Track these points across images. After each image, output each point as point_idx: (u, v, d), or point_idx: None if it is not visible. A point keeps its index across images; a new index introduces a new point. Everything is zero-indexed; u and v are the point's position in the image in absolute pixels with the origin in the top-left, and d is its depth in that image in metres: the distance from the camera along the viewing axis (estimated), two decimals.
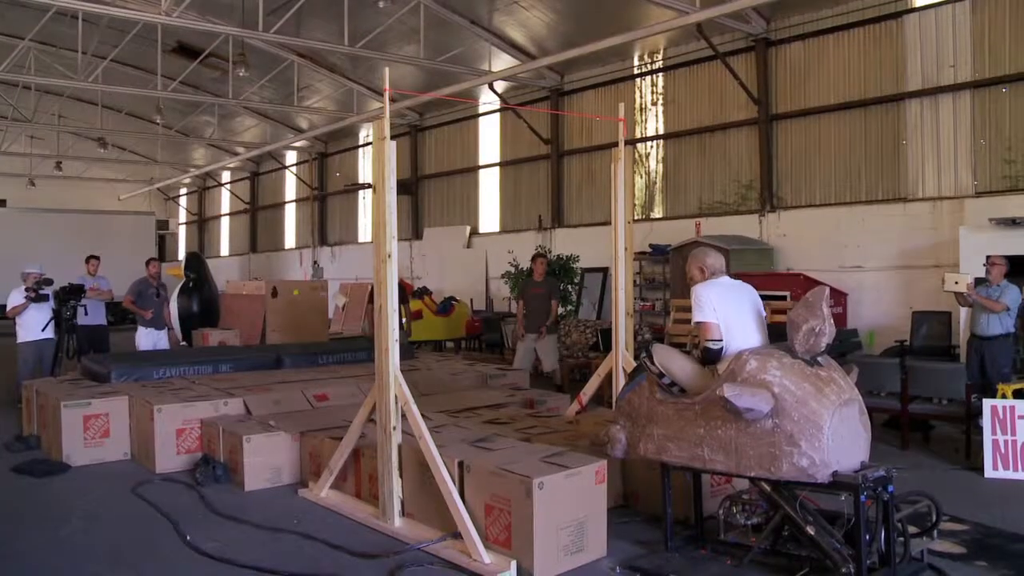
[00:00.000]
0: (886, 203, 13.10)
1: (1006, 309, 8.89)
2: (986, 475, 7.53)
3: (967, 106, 12.24)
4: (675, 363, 5.34)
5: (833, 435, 4.66)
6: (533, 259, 12.68)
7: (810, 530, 4.87)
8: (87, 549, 5.81)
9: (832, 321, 4.94)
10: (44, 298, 11.29)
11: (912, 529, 5.12)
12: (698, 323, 5.28)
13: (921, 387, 8.74)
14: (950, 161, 12.41)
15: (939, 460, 8.27)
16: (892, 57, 13.03)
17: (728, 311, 5.24)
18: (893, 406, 8.89)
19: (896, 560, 4.82)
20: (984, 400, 7.77)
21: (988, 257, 9.39)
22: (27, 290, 11.21)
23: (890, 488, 4.79)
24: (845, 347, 11.19)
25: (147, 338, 12.32)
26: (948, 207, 12.33)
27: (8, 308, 11.42)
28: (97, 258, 12.95)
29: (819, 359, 4.98)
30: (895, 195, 13.01)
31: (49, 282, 11.46)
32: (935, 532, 5.28)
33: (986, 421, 7.60)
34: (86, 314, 12.05)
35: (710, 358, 5.18)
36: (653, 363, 5.31)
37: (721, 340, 5.15)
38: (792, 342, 4.96)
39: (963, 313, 10.42)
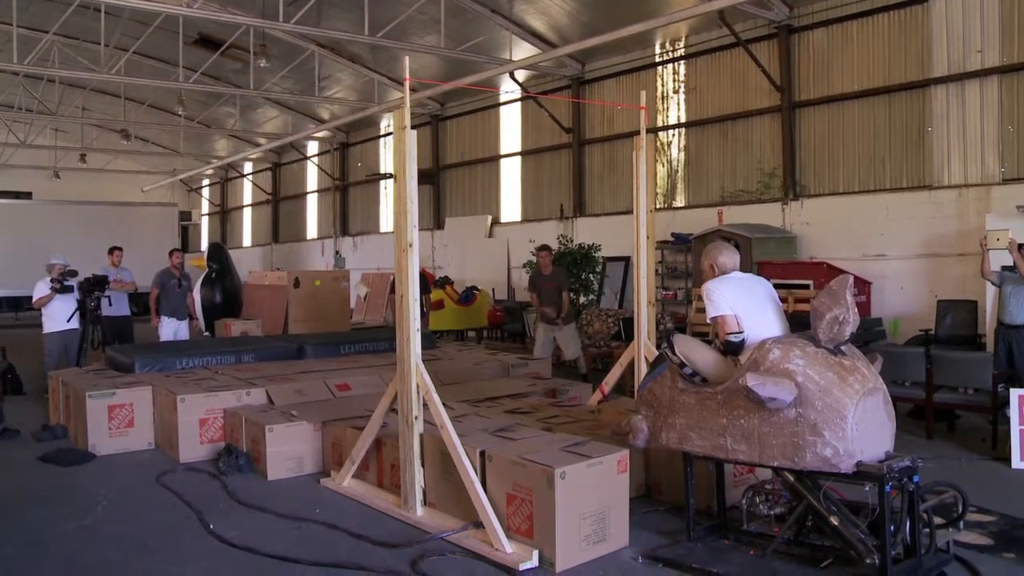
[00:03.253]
0: (911, 191, 12.95)
1: None
2: (1013, 466, 7.45)
3: (994, 92, 12.06)
4: (697, 353, 5.30)
5: (857, 424, 4.61)
6: (538, 252, 12.46)
7: (834, 520, 4.83)
8: (111, 537, 5.85)
9: (856, 310, 4.87)
10: (69, 289, 11.42)
11: (938, 520, 5.06)
12: (714, 318, 5.22)
13: (946, 376, 8.65)
14: (976, 148, 12.24)
15: (965, 450, 8.19)
16: (917, 43, 12.86)
17: (743, 303, 5.17)
18: (918, 396, 8.82)
19: (921, 551, 4.77)
20: (1012, 390, 7.66)
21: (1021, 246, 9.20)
22: (52, 281, 11.35)
23: (915, 478, 4.74)
24: (869, 336, 11.10)
25: (168, 327, 12.41)
26: (974, 194, 12.17)
27: (34, 299, 11.56)
28: (120, 249, 13.04)
29: (843, 348, 4.91)
30: (920, 183, 12.86)
31: (74, 273, 11.60)
32: (961, 523, 5.21)
33: (1014, 411, 7.50)
34: (110, 305, 12.16)
35: (732, 350, 5.13)
36: (675, 353, 5.27)
37: (742, 332, 5.08)
38: (815, 331, 4.89)
39: (989, 301, 10.31)
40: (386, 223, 25.78)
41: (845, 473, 4.63)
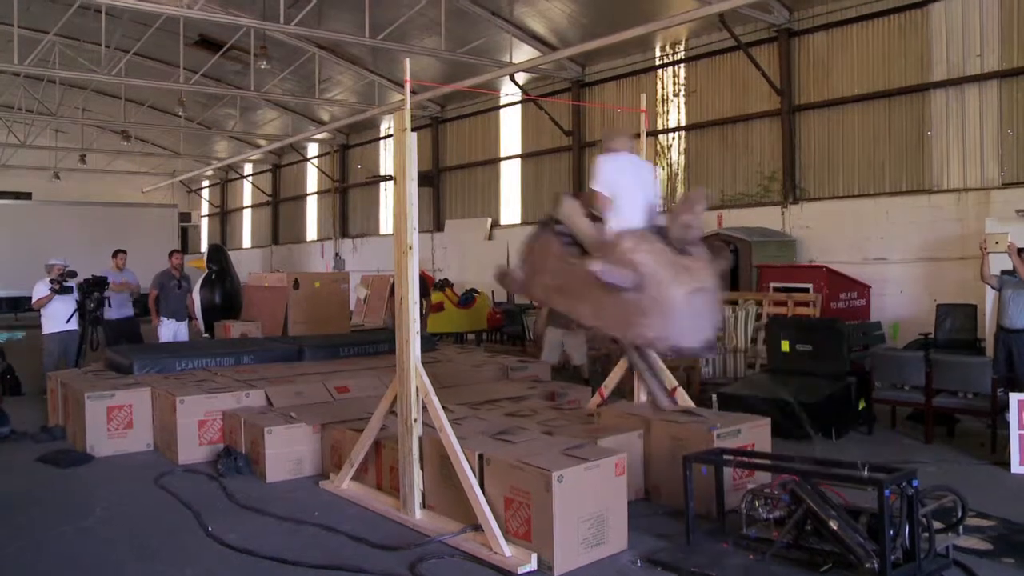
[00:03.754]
0: (910, 195, 12.96)
1: None
2: (1013, 470, 7.43)
3: (994, 96, 12.07)
4: (577, 220, 5.86)
5: (681, 315, 5.22)
6: None
7: (833, 524, 4.84)
8: (110, 539, 5.85)
9: (703, 218, 5.67)
10: (68, 290, 11.41)
11: (937, 524, 5.07)
12: (590, 190, 5.91)
13: (946, 381, 8.63)
14: (976, 152, 12.25)
15: (964, 455, 8.18)
16: (917, 47, 12.87)
17: (624, 183, 5.81)
18: (917, 400, 8.80)
19: (921, 556, 4.78)
20: (1011, 394, 7.65)
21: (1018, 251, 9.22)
22: (51, 282, 11.32)
23: (915, 482, 4.75)
24: (868, 340, 11.09)
25: (168, 328, 12.42)
26: (974, 198, 12.18)
27: (33, 300, 11.54)
28: (124, 252, 13.04)
29: (690, 249, 5.47)
30: (920, 186, 12.87)
31: (73, 274, 11.59)
32: (960, 528, 5.22)
33: (1013, 415, 7.49)
34: (110, 306, 12.16)
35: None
36: (558, 215, 5.89)
37: (608, 210, 5.72)
38: (668, 230, 5.60)
39: (989, 306, 10.29)
40: (386, 225, 25.77)
41: (665, 354, 5.42)
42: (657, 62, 17.00)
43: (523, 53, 17.80)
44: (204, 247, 33.69)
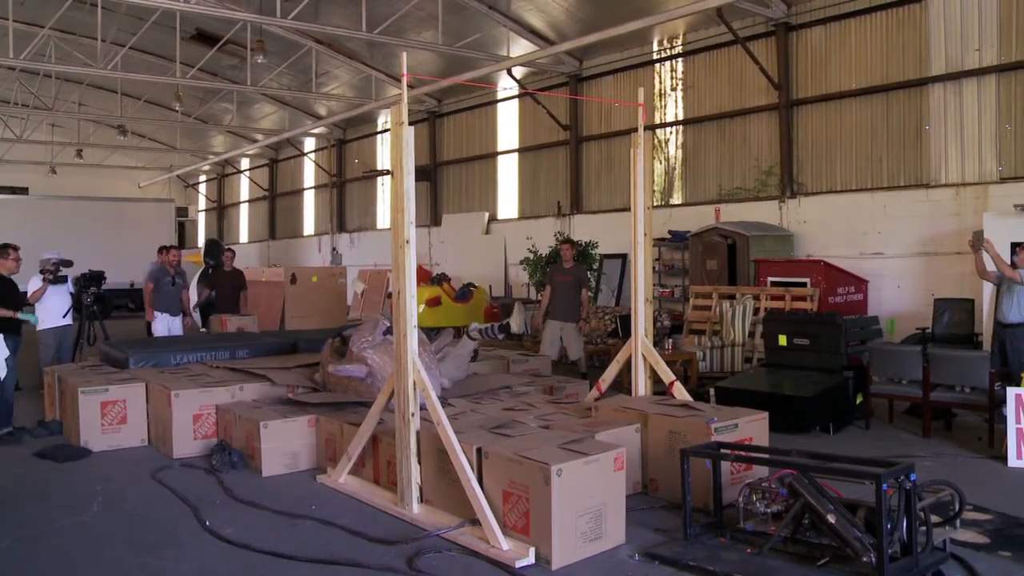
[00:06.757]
0: (908, 189, 12.96)
1: (1021, 280, 8.81)
2: (1009, 464, 7.45)
3: (992, 90, 12.06)
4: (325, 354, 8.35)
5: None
6: (561, 244, 12.61)
7: (831, 518, 4.83)
8: (107, 533, 5.84)
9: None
10: (62, 279, 11.26)
11: (934, 518, 5.06)
12: None
13: (943, 375, 8.63)
14: (974, 146, 12.25)
15: (962, 449, 8.18)
16: (915, 41, 12.86)
17: None
18: (915, 394, 8.81)
19: (918, 549, 4.76)
20: (1008, 388, 7.65)
21: (1014, 245, 9.27)
22: (44, 272, 11.16)
23: (912, 476, 4.74)
24: (865, 335, 11.10)
25: (162, 323, 12.42)
26: (971, 193, 12.18)
27: (29, 294, 11.42)
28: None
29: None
30: (917, 181, 12.86)
31: (68, 264, 11.43)
32: (958, 521, 5.21)
33: (1010, 409, 7.49)
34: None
35: None
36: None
37: None
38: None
39: (986, 300, 10.31)
40: (383, 219, 25.76)
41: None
42: (655, 56, 16.99)
43: (520, 47, 17.78)
44: (201, 242, 33.65)
